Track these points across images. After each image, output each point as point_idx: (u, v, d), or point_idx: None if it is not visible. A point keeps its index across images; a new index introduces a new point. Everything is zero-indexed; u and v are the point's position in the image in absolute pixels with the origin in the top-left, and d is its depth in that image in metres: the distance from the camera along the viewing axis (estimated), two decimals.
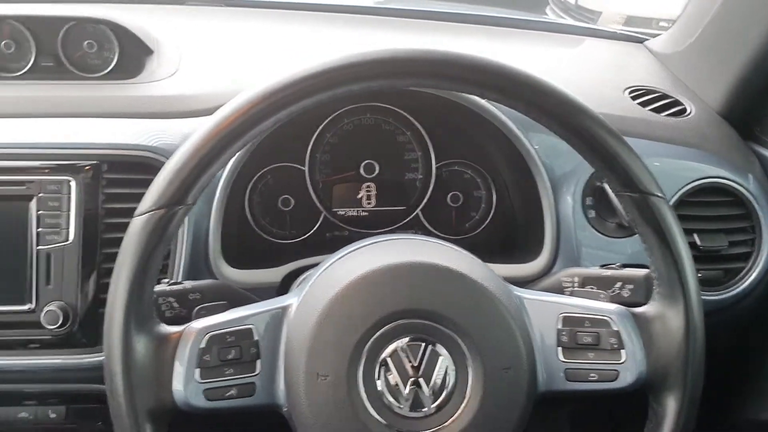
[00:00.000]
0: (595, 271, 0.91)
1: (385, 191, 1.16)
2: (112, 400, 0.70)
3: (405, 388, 0.71)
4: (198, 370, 0.71)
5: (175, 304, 0.82)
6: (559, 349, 0.77)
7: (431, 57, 0.72)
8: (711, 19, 1.20)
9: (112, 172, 0.96)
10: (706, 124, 1.19)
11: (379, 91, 1.08)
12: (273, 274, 1.04)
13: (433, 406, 0.71)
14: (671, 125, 1.16)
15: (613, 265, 0.90)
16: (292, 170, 1.14)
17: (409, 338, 0.71)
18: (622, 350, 0.76)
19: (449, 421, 0.71)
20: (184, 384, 0.71)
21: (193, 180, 0.69)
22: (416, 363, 0.71)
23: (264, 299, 0.79)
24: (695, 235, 1.06)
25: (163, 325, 0.73)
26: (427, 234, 1.16)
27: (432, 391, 0.71)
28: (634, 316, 0.78)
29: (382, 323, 0.71)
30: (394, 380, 0.71)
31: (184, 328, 0.73)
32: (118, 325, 0.69)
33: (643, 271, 0.86)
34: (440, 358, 0.71)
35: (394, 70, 0.71)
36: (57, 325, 0.92)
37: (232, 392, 0.72)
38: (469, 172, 1.18)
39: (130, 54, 1.11)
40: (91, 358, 0.95)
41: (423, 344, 0.71)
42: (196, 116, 1.02)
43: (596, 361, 0.77)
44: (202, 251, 0.99)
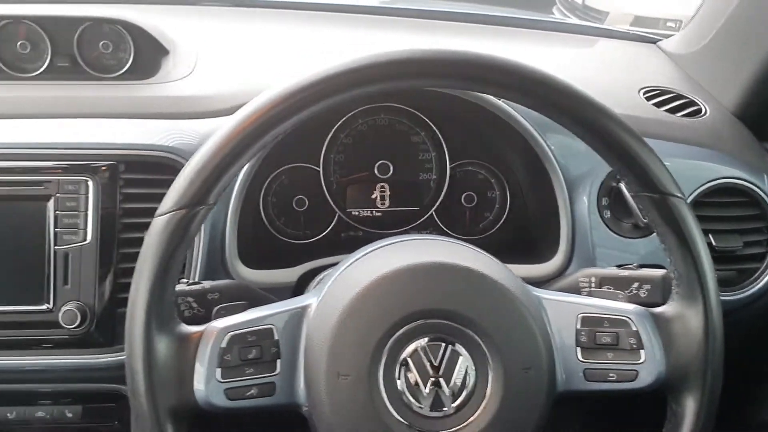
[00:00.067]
0: (612, 271, 0.90)
1: (399, 192, 1.17)
2: (133, 400, 0.70)
3: (425, 388, 0.71)
4: (219, 370, 0.71)
5: (194, 304, 0.82)
6: (578, 349, 0.77)
7: (451, 57, 0.72)
8: (726, 20, 1.20)
9: (130, 172, 0.97)
10: (721, 124, 1.19)
11: (394, 92, 1.08)
12: (288, 274, 1.04)
13: (453, 406, 0.71)
14: (686, 126, 1.16)
15: (630, 266, 0.90)
16: (307, 171, 1.14)
17: (430, 338, 0.71)
18: (642, 350, 0.76)
19: (469, 421, 0.71)
20: (206, 383, 0.71)
21: (215, 180, 0.69)
22: (436, 363, 0.71)
23: (281, 299, 0.79)
24: (710, 236, 1.06)
25: (184, 325, 0.73)
26: (441, 234, 1.16)
27: (452, 391, 0.71)
28: (653, 316, 0.78)
29: (402, 323, 0.71)
30: (414, 380, 0.71)
31: (205, 328, 0.73)
32: (140, 324, 0.69)
33: (660, 272, 0.86)
34: (460, 358, 0.71)
35: (413, 71, 0.71)
36: (74, 325, 0.93)
37: (252, 392, 0.72)
38: (483, 172, 1.18)
39: (145, 54, 1.11)
40: (108, 358, 0.96)
41: (443, 344, 0.71)
42: (212, 117, 1.02)
43: (615, 361, 0.77)
44: (218, 251, 0.99)
